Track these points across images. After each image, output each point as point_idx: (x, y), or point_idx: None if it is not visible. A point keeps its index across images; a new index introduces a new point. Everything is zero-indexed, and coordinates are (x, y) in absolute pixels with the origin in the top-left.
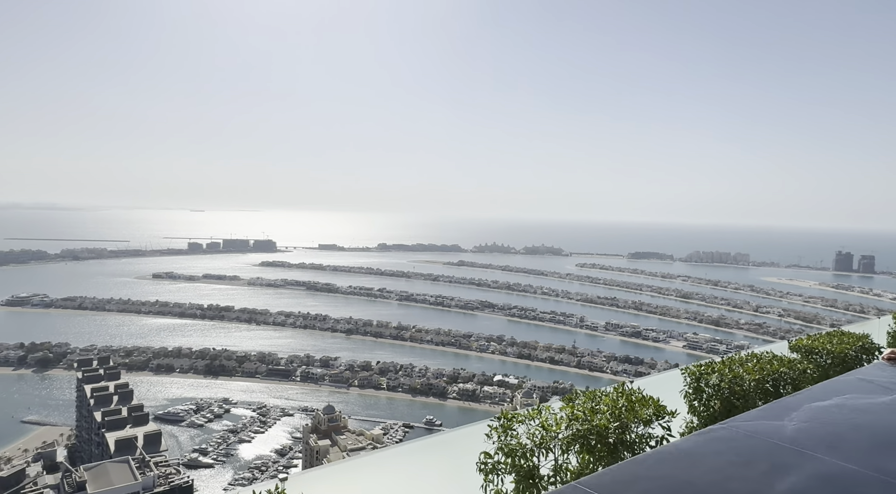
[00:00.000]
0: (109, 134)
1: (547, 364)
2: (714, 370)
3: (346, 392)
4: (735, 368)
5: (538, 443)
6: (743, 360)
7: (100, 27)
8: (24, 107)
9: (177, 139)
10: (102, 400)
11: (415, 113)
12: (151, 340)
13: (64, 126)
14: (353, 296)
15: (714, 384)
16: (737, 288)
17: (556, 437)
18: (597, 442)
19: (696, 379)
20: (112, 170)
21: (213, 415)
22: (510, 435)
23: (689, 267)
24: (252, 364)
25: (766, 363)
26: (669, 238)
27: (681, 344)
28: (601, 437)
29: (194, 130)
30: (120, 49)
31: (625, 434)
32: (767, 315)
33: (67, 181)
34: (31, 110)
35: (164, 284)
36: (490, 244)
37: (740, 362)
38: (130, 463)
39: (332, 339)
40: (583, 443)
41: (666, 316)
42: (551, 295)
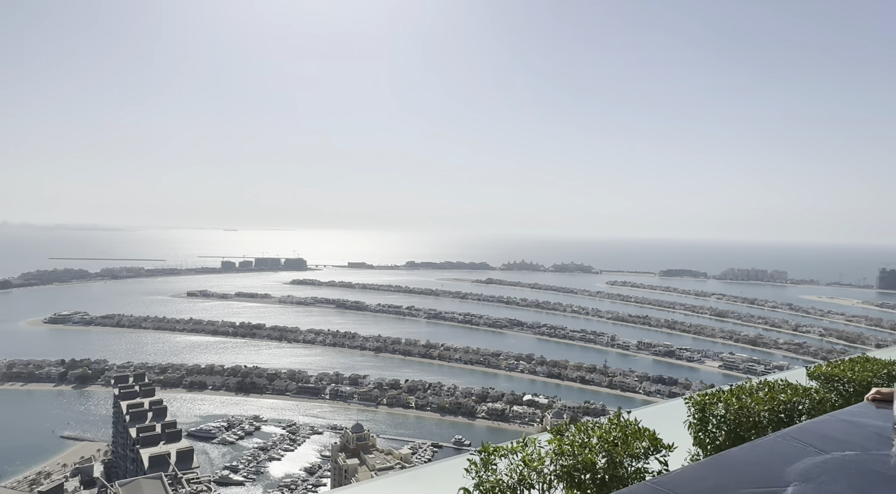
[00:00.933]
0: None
1: (577, 383)
2: (720, 399)
3: (374, 410)
4: (743, 397)
5: (519, 480)
6: (753, 389)
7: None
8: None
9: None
10: (137, 416)
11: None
12: (185, 357)
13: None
14: (381, 314)
15: (719, 414)
16: (774, 307)
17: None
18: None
19: (700, 409)
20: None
21: (243, 433)
22: (490, 471)
23: (724, 285)
24: (282, 381)
25: (780, 391)
26: (702, 255)
27: (716, 364)
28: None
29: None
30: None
31: (617, 470)
32: (808, 334)
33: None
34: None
35: (198, 302)
36: (519, 261)
37: (749, 391)
38: (163, 480)
39: (360, 357)
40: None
41: (700, 335)
42: (581, 314)
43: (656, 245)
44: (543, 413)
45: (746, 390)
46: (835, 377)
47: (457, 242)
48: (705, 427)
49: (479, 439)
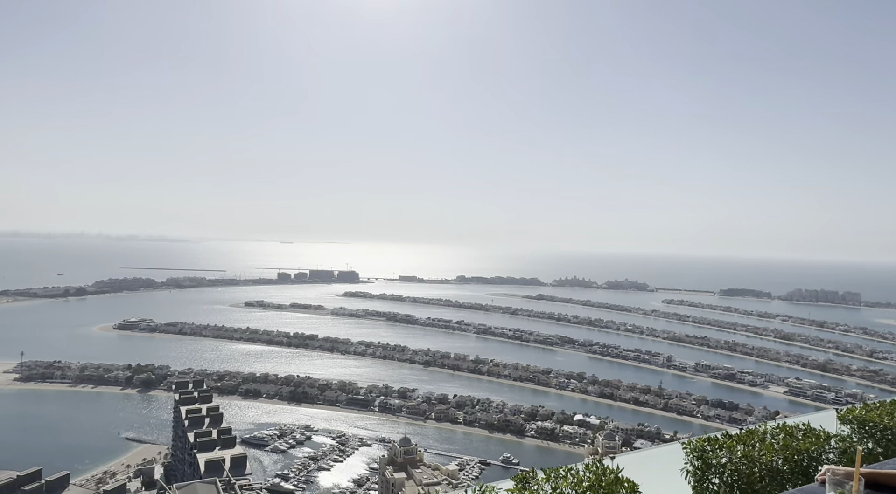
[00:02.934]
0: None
1: (631, 404)
2: (722, 446)
3: (422, 424)
4: (751, 444)
5: None
6: (767, 434)
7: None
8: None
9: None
10: (195, 421)
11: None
12: (241, 365)
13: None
14: (431, 328)
15: (722, 463)
16: (846, 331)
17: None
18: None
19: (698, 456)
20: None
21: (295, 442)
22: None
23: (790, 307)
24: (333, 392)
25: (800, 438)
26: (766, 274)
27: (781, 390)
28: None
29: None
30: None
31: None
32: (885, 361)
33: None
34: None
35: (255, 312)
36: (570, 278)
37: (762, 436)
38: (217, 485)
39: (409, 370)
40: None
41: (764, 358)
42: (635, 333)
43: (716, 262)
44: (594, 434)
45: (759, 435)
46: (870, 422)
47: (508, 257)
48: (705, 477)
49: (528, 458)
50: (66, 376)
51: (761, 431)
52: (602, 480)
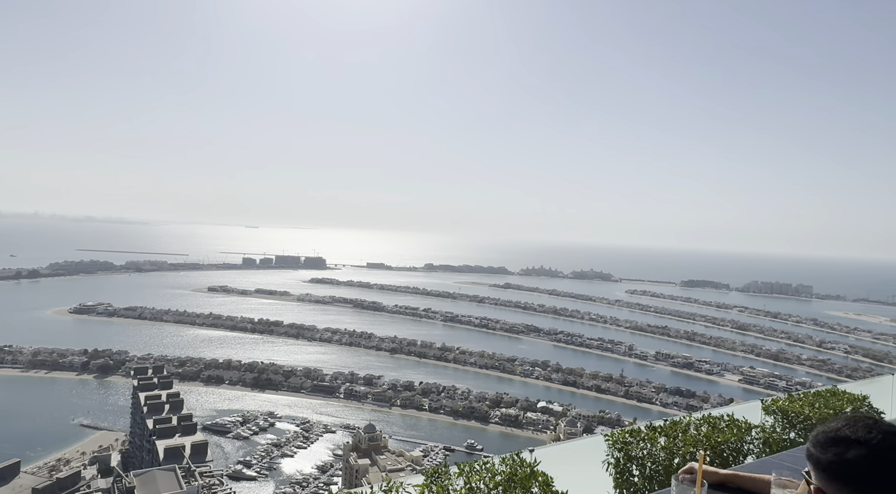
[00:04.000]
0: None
1: (593, 392)
2: (645, 438)
3: (388, 411)
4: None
5: None
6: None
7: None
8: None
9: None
10: (155, 408)
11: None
12: (203, 351)
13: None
14: (398, 315)
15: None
16: (798, 322)
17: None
18: None
19: (620, 449)
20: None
21: (258, 428)
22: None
23: (747, 298)
24: (298, 379)
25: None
26: (725, 266)
27: (736, 378)
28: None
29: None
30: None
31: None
32: (832, 351)
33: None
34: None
35: (218, 297)
36: (537, 267)
37: (684, 428)
38: (177, 472)
39: (376, 357)
40: None
41: (721, 347)
42: (599, 322)
43: (678, 254)
44: (557, 420)
45: (683, 426)
46: (792, 412)
47: (476, 245)
48: (627, 468)
49: (492, 444)
50: (18, 361)
51: (685, 422)
52: (517, 474)
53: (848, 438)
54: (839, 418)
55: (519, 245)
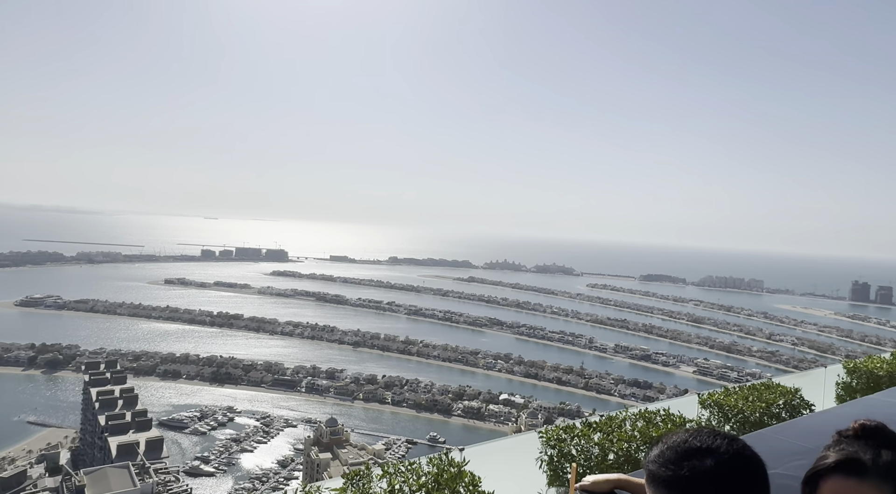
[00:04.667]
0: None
1: (554, 384)
2: (579, 434)
3: (350, 404)
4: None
5: None
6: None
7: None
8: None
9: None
10: (107, 404)
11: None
12: (160, 345)
13: (87, 132)
14: (361, 309)
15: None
16: (750, 315)
17: None
18: None
19: (553, 445)
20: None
21: (216, 423)
22: None
23: (702, 292)
24: (258, 373)
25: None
26: (682, 261)
27: (691, 370)
28: None
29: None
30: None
31: None
32: (781, 343)
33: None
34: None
35: (176, 290)
36: (501, 261)
37: (619, 423)
38: (130, 469)
39: (338, 351)
40: None
41: (677, 340)
42: (561, 315)
43: (638, 249)
44: (519, 412)
45: (618, 421)
46: (727, 406)
47: (440, 239)
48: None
49: (455, 436)
50: None
51: (621, 418)
52: (443, 474)
53: (699, 449)
54: (675, 433)
55: (483, 239)
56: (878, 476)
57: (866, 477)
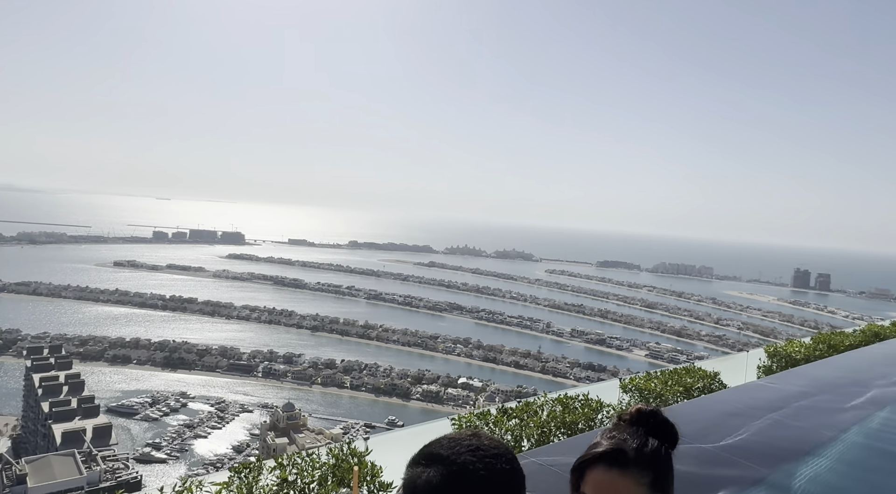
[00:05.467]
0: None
1: (512, 368)
2: (491, 421)
3: (308, 389)
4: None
5: None
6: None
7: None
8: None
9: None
10: (51, 390)
11: (391, 112)
12: (108, 329)
13: (26, 104)
14: (320, 293)
15: None
16: (699, 301)
17: None
18: None
19: None
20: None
21: (169, 409)
22: None
23: (656, 278)
24: (213, 357)
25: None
26: (637, 248)
27: (643, 353)
28: None
29: (163, 117)
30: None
31: None
32: (727, 327)
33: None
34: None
35: (126, 272)
36: (461, 246)
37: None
38: (76, 457)
39: (296, 335)
40: None
41: (630, 325)
42: (519, 300)
43: (595, 236)
44: (477, 396)
45: (537, 406)
46: (646, 390)
47: (402, 224)
48: None
49: (413, 419)
50: None
51: (539, 403)
52: (341, 465)
53: (440, 455)
54: (444, 436)
55: (445, 224)
56: (638, 467)
57: (627, 469)
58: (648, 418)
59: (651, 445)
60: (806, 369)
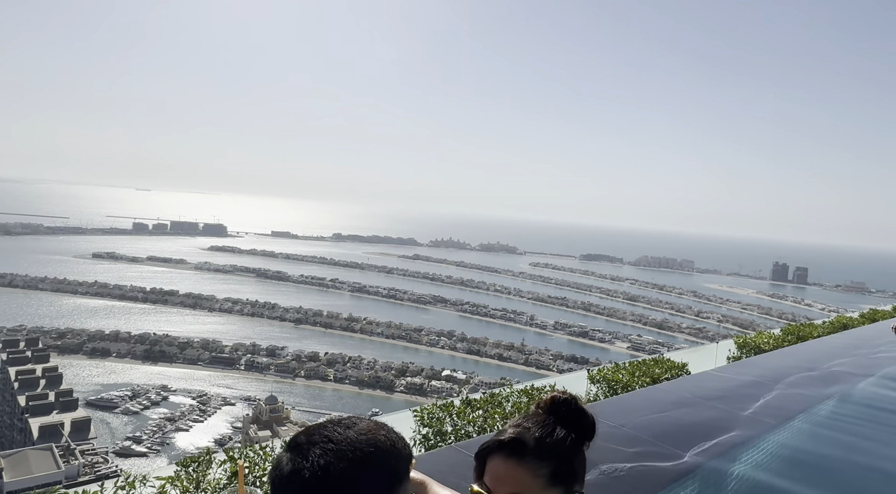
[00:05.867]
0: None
1: (495, 360)
2: (454, 412)
3: (291, 382)
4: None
5: None
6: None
7: None
8: None
9: (124, 114)
10: (28, 383)
11: (378, 105)
12: (87, 322)
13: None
14: (304, 285)
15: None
16: (681, 293)
17: None
18: None
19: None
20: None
21: (149, 402)
22: None
23: (638, 271)
24: (195, 350)
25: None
26: (620, 241)
27: (625, 346)
28: None
29: (146, 108)
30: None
31: None
32: (708, 320)
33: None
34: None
35: (105, 264)
36: (446, 239)
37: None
38: (54, 451)
39: (280, 328)
40: None
41: (613, 317)
42: (503, 293)
43: (579, 229)
44: (461, 388)
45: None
46: (614, 381)
47: (386, 216)
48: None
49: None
50: None
51: (504, 394)
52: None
53: (298, 442)
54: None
55: (429, 217)
56: (536, 458)
57: (524, 459)
58: (561, 407)
59: (557, 435)
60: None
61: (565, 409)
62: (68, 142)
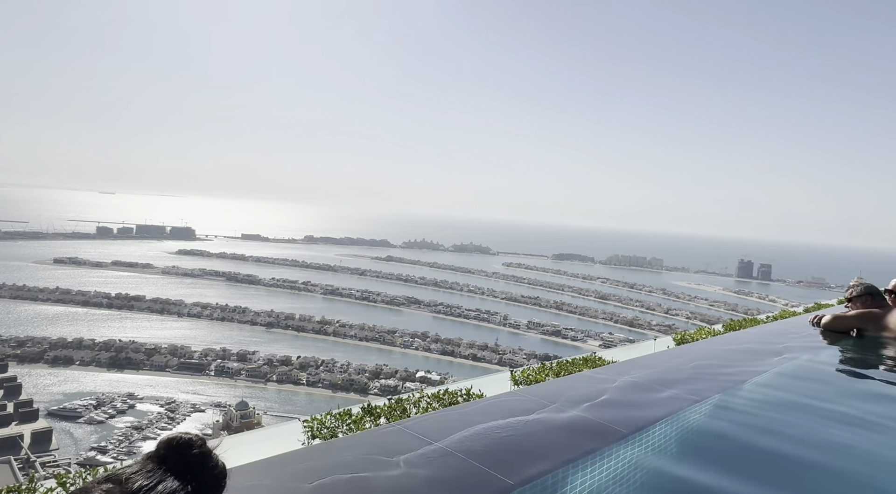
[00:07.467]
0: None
1: (470, 360)
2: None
3: (263, 387)
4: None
5: None
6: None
7: None
8: None
9: (86, 115)
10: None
11: (351, 105)
12: (48, 330)
13: None
14: (275, 289)
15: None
16: (650, 291)
17: None
18: None
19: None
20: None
21: (115, 411)
22: None
23: (609, 270)
24: (162, 357)
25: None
26: (592, 240)
27: (597, 344)
28: None
29: (106, 107)
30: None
31: None
32: (676, 317)
33: None
34: None
35: (67, 270)
36: (419, 240)
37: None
38: (12, 464)
39: (251, 332)
40: None
41: (585, 316)
42: (477, 293)
43: (550, 229)
44: None
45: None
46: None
47: (358, 218)
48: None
49: None
50: None
51: (414, 399)
52: None
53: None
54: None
55: (402, 218)
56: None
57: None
58: (174, 454)
59: (165, 489)
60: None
61: (178, 456)
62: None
